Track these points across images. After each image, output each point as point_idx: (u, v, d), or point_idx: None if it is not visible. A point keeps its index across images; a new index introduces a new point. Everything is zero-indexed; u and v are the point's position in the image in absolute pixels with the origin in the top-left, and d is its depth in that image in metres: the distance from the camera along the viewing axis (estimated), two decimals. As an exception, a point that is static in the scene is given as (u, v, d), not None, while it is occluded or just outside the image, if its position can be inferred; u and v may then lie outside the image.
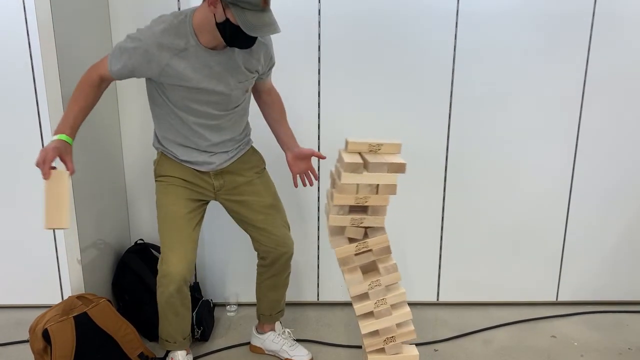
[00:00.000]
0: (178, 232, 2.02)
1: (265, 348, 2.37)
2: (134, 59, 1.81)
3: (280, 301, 2.33)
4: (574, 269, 2.77)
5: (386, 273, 1.78)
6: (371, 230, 1.78)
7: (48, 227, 1.71)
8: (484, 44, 2.47)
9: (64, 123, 1.82)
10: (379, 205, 1.74)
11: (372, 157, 1.75)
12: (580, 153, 2.62)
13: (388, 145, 1.80)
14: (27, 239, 2.61)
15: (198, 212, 2.10)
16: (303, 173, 2.20)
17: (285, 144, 2.17)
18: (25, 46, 2.41)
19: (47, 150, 1.75)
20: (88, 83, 1.87)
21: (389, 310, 1.79)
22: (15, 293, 2.68)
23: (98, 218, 2.36)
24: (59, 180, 1.75)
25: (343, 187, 1.70)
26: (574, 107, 2.57)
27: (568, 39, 2.48)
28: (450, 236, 2.72)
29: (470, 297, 2.81)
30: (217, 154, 2.04)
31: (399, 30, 2.45)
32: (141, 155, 2.58)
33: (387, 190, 1.73)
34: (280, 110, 2.16)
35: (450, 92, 2.53)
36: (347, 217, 1.74)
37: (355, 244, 1.77)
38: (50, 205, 1.72)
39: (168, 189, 2.05)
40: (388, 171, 1.72)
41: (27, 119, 2.49)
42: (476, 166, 2.62)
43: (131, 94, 2.50)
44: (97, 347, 2.06)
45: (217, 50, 1.86)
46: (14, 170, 2.54)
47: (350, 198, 1.72)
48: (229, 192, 2.11)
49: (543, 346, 2.47)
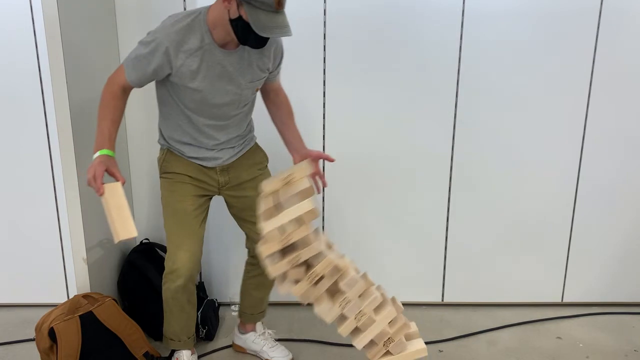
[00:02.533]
0: (185, 229, 2.03)
1: (247, 347, 2.38)
2: (154, 62, 1.81)
3: (263, 301, 2.33)
4: (580, 270, 2.76)
5: (349, 288, 1.75)
6: (312, 259, 1.74)
7: (119, 240, 1.72)
8: (490, 43, 2.47)
9: (100, 138, 1.83)
10: (304, 236, 1.70)
11: (283, 193, 1.74)
12: (587, 152, 2.61)
13: (297, 170, 1.80)
14: (33, 239, 2.63)
15: (204, 209, 2.11)
16: (311, 178, 2.15)
17: (293, 145, 2.15)
18: (32, 46, 2.42)
19: (94, 166, 1.77)
20: (111, 96, 1.87)
21: (372, 318, 1.76)
22: (21, 292, 2.69)
23: (103, 217, 2.35)
24: (115, 193, 1.77)
25: (266, 237, 1.69)
26: (580, 105, 2.56)
27: (574, 37, 2.47)
28: (455, 237, 2.71)
29: (475, 298, 2.80)
30: (223, 150, 2.05)
31: (405, 29, 2.45)
32: (146, 155, 2.59)
33: (309, 218, 1.70)
34: (287, 111, 2.16)
35: (455, 92, 2.53)
36: (283, 262, 1.72)
37: (306, 277, 1.74)
38: (115, 218, 1.74)
39: (174, 186, 2.06)
40: (300, 200, 1.70)
41: (33, 120, 2.50)
42: (481, 166, 2.62)
43: (136, 94, 2.51)
44: (102, 346, 2.07)
45: (230, 50, 1.86)
46: (20, 171, 2.55)
47: (275, 244, 1.70)
48: (233, 188, 2.12)
49: (548, 347, 2.46)
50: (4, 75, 2.45)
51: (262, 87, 2.10)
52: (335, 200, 2.66)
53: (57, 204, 2.59)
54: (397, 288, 2.77)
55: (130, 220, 1.75)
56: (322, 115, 2.55)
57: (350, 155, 2.57)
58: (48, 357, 2.04)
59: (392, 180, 2.64)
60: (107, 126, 1.84)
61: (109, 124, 1.85)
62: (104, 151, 1.81)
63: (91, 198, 2.22)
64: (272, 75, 2.05)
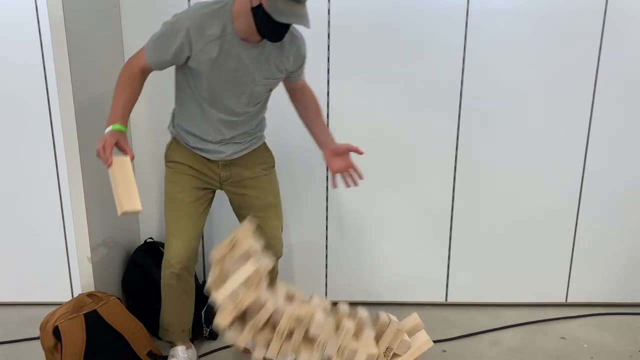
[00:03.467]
0: (182, 219, 2.06)
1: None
2: (175, 43, 1.81)
3: None
4: (584, 270, 2.75)
5: (320, 331, 1.73)
6: (274, 317, 1.73)
7: (123, 212, 1.68)
8: (493, 43, 2.46)
9: (113, 114, 1.83)
10: (255, 298, 1.69)
11: (229, 258, 1.74)
12: (592, 152, 2.60)
13: (241, 231, 1.80)
14: (37, 238, 2.63)
15: (204, 201, 2.11)
16: (344, 172, 2.09)
17: (321, 141, 2.12)
18: (37, 44, 2.43)
19: (105, 138, 1.77)
20: (129, 76, 1.88)
21: (353, 348, 1.75)
22: (26, 290, 2.70)
23: (108, 216, 2.37)
24: (123, 166, 1.75)
25: (220, 307, 1.68)
26: (585, 105, 2.55)
27: (579, 36, 2.47)
28: (459, 237, 2.71)
29: (479, 298, 2.80)
30: (228, 144, 2.05)
31: (408, 28, 2.45)
32: (150, 154, 2.60)
33: (255, 279, 1.69)
34: (314, 108, 2.14)
35: (459, 91, 2.52)
36: (245, 332, 1.71)
37: (275, 337, 1.73)
38: (120, 191, 1.71)
39: (175, 176, 2.08)
40: (244, 262, 1.70)
41: (38, 119, 2.51)
42: (486, 166, 2.61)
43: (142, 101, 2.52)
44: (106, 344, 2.07)
45: (250, 44, 1.87)
46: (25, 170, 2.56)
47: (229, 313, 1.68)
48: (233, 184, 2.12)
49: (552, 348, 2.46)
50: (9, 75, 2.45)
51: (286, 86, 2.11)
52: (338, 198, 2.66)
53: (61, 203, 2.60)
54: (401, 288, 2.78)
55: (135, 194, 1.72)
56: (326, 114, 2.54)
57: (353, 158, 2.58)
58: (52, 355, 2.04)
59: (395, 179, 2.63)
60: (122, 104, 1.85)
61: (124, 102, 1.85)
62: (116, 126, 1.81)
63: (94, 197, 2.23)
64: (293, 75, 2.05)
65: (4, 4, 2.36)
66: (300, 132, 2.16)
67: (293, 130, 2.27)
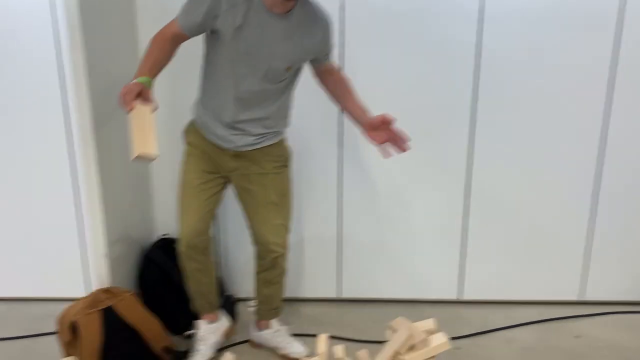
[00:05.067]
0: (188, 200, 2.13)
1: (263, 344, 2.41)
2: (205, 5, 1.84)
3: (272, 298, 2.34)
4: (600, 268, 2.72)
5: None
6: None
7: (137, 154, 1.63)
8: (509, 43, 2.45)
9: (141, 69, 1.85)
10: None
11: None
12: (609, 147, 2.57)
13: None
14: (54, 234, 2.67)
15: (213, 185, 2.14)
16: (389, 142, 2.02)
17: (357, 117, 2.09)
18: (51, 39, 2.45)
19: (129, 85, 1.77)
20: (160, 39, 1.92)
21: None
22: (43, 286, 2.74)
23: (124, 212, 2.40)
24: (144, 114, 1.72)
25: None
26: (601, 103, 2.52)
27: (594, 37, 2.44)
28: (473, 234, 2.70)
29: (493, 296, 2.78)
30: (237, 135, 2.05)
31: (423, 28, 2.44)
32: (166, 149, 2.60)
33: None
34: (345, 85, 2.12)
35: (474, 90, 2.51)
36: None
37: None
38: (138, 135, 1.67)
39: (188, 158, 2.14)
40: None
41: (53, 113, 2.54)
42: (500, 162, 2.60)
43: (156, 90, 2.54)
44: (122, 340, 2.10)
45: (276, 14, 1.87)
46: (40, 166, 2.60)
47: None
48: (240, 177, 2.14)
49: (567, 346, 2.44)
50: (25, 69, 2.48)
51: (315, 71, 2.12)
52: (351, 194, 2.66)
53: (77, 199, 2.63)
54: (415, 285, 2.78)
55: (153, 139, 1.67)
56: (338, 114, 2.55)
57: (366, 154, 2.58)
58: (69, 350, 2.07)
59: (409, 177, 2.63)
60: (150, 64, 1.87)
61: (152, 62, 1.87)
62: (142, 78, 1.82)
63: (111, 193, 2.25)
64: (319, 59, 2.06)
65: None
66: (313, 121, 2.14)
67: (305, 119, 2.26)
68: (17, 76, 2.49)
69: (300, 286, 2.78)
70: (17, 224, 2.67)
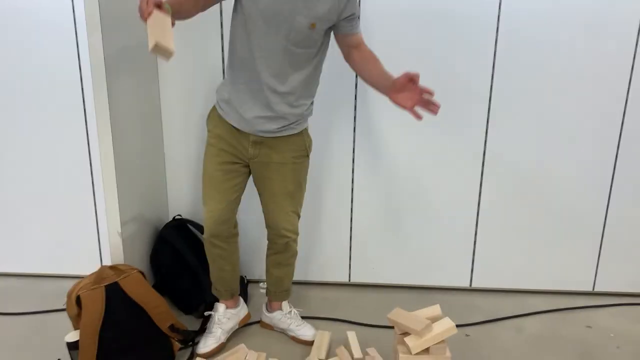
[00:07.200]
0: (210, 188, 2.15)
1: (274, 325, 2.43)
2: None
3: (283, 280, 2.36)
4: (613, 258, 2.70)
5: None
6: None
7: (155, 43, 1.56)
8: (525, 43, 2.41)
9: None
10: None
11: None
12: (624, 140, 2.54)
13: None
14: (70, 213, 2.71)
15: (234, 175, 2.14)
16: (419, 104, 1.93)
17: (383, 86, 2.00)
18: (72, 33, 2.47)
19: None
20: None
21: None
22: (59, 263, 2.79)
23: (138, 192, 2.42)
24: (162, 19, 1.63)
25: None
26: (618, 94, 2.49)
27: (612, 38, 2.40)
28: (485, 221, 2.69)
29: (504, 284, 2.78)
30: (258, 118, 2.03)
31: (440, 29, 2.41)
32: (181, 130, 2.63)
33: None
34: (373, 60, 2.06)
35: (490, 87, 2.48)
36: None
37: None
38: (156, 31, 1.58)
39: (209, 148, 2.16)
40: None
41: (69, 93, 2.56)
42: (514, 150, 2.57)
43: (171, 70, 2.54)
44: (126, 316, 2.10)
45: None
46: (58, 146, 2.63)
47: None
48: (260, 164, 2.13)
49: (577, 336, 2.43)
50: (44, 59, 2.50)
51: (341, 43, 2.07)
52: (363, 181, 2.66)
53: (93, 179, 2.66)
54: (426, 272, 2.78)
55: (171, 38, 1.59)
56: (353, 117, 2.53)
57: (379, 143, 2.57)
58: (77, 323, 2.10)
59: (422, 162, 2.62)
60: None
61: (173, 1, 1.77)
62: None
63: (125, 172, 2.27)
64: (345, 26, 1.99)
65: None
66: (327, 107, 2.12)
67: (319, 104, 2.24)
68: (37, 58, 2.51)
69: (312, 270, 2.79)
70: (33, 202, 2.71)
